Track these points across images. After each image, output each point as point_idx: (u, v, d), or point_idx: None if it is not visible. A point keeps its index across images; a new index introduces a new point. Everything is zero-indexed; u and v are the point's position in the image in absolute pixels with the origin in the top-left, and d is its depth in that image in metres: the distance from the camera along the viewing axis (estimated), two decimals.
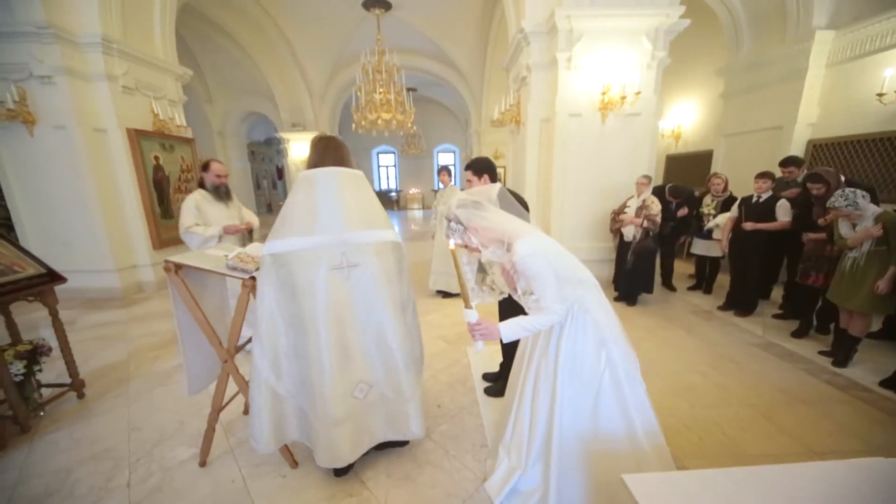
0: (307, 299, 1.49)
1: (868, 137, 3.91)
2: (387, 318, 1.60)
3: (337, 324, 1.53)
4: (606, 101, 3.97)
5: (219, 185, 2.76)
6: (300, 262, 1.47)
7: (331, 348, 1.53)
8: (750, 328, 3.38)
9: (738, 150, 5.25)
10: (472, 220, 1.38)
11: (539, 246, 1.30)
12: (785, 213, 3.32)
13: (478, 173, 2.17)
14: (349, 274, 1.54)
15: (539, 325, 1.31)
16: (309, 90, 9.98)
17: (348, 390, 1.61)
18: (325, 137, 1.65)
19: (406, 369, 1.69)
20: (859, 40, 3.96)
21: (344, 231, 1.51)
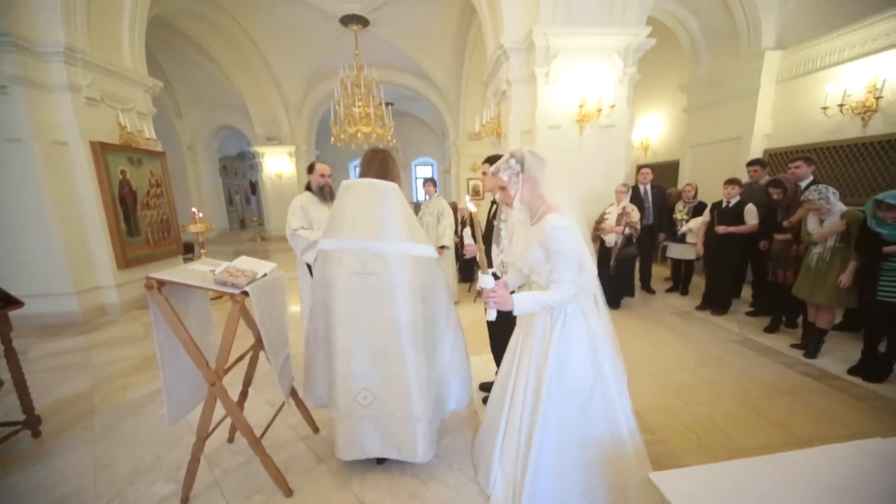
0: (331, 294, 1.67)
1: (815, 147, 4.29)
2: (394, 334, 1.60)
3: (349, 325, 1.64)
4: (583, 114, 4.15)
5: (323, 185, 2.68)
6: (330, 260, 1.66)
7: (345, 346, 1.66)
8: (727, 326, 3.55)
9: (704, 159, 5.60)
10: (532, 168, 1.37)
11: (572, 226, 1.32)
12: (752, 216, 3.55)
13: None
14: (365, 281, 1.61)
15: (551, 300, 1.31)
16: (285, 104, 9.83)
17: (352, 392, 1.70)
18: (374, 150, 1.74)
19: (421, 391, 1.65)
20: (803, 59, 4.37)
21: (366, 239, 1.59)
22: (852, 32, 3.87)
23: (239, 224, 15.35)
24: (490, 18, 4.65)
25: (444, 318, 1.75)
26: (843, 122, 4.05)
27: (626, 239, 3.87)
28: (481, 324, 3.74)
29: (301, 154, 10.88)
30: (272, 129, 10.21)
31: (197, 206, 9.95)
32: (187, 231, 5.13)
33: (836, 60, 4.07)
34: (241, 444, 2.13)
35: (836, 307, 2.78)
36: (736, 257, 3.74)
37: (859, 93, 3.85)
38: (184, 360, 1.76)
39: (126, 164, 4.59)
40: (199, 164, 11.80)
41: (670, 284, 4.84)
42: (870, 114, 3.80)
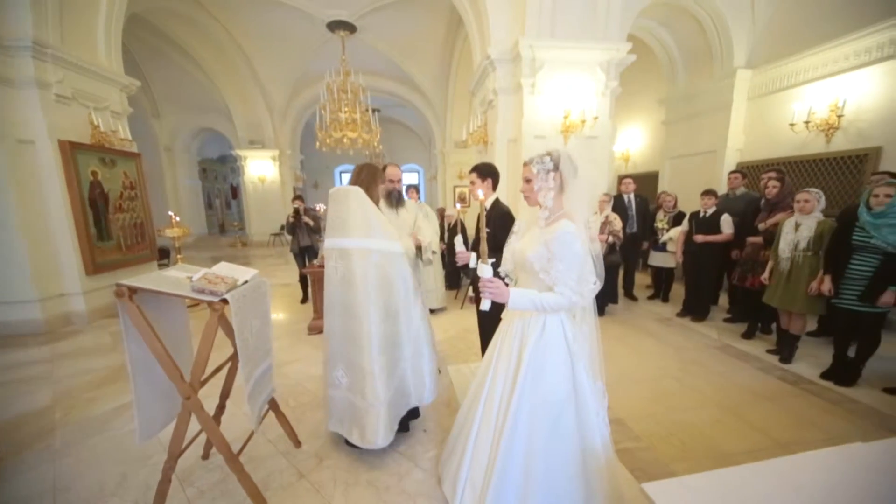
0: (326, 286, 1.93)
1: (784, 161, 4.51)
2: (357, 320, 1.83)
3: (330, 311, 1.91)
4: (568, 125, 4.23)
5: (391, 190, 2.61)
6: (326, 257, 1.93)
7: (328, 329, 1.92)
8: (706, 332, 3.66)
9: (682, 170, 5.81)
10: (564, 172, 1.38)
11: (582, 235, 1.31)
12: (728, 226, 3.69)
13: (482, 176, 2.22)
14: (338, 273, 1.86)
15: (547, 303, 1.30)
16: (269, 107, 9.68)
17: (333, 370, 1.94)
18: (365, 164, 2.03)
19: (380, 375, 1.83)
20: (772, 78, 4.62)
21: (338, 237, 1.85)
22: (816, 55, 4.12)
23: (218, 229, 14.91)
24: (477, 29, 4.72)
25: (404, 311, 1.91)
26: (809, 137, 4.29)
27: (610, 247, 3.94)
28: (470, 332, 3.72)
29: (285, 158, 10.71)
30: (255, 133, 10.02)
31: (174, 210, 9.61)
32: (163, 235, 4.92)
33: (801, 80, 4.32)
34: (216, 461, 2.01)
35: (807, 314, 2.89)
36: (713, 265, 3.87)
37: (823, 111, 4.09)
38: (157, 372, 1.66)
39: (98, 164, 4.37)
40: (178, 166, 11.43)
41: (652, 291, 4.95)
42: (833, 131, 4.04)
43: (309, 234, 4.80)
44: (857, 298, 2.48)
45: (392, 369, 1.91)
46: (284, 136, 10.46)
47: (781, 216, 3.13)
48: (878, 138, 3.70)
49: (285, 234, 8.63)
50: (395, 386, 1.93)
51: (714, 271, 3.95)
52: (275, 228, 10.81)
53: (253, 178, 10.52)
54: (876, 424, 2.18)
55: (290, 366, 3.05)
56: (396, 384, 1.94)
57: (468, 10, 4.74)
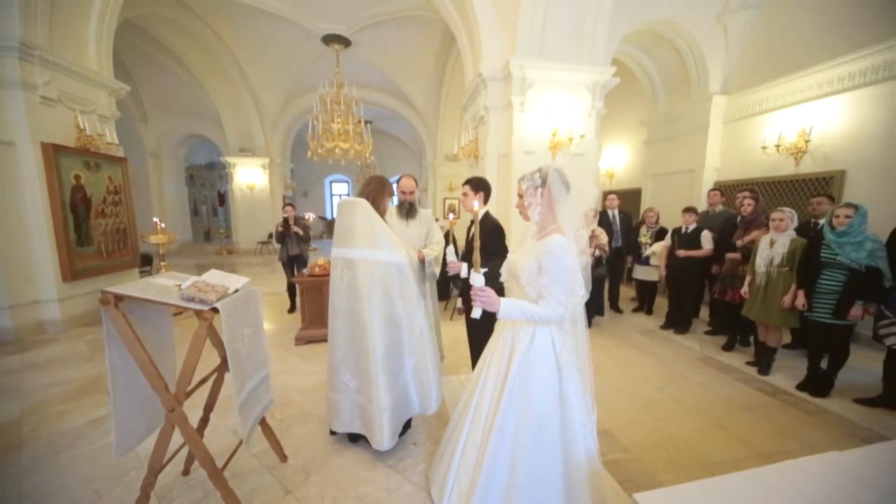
0: (332, 294, 2.00)
1: (758, 181, 4.74)
2: (362, 328, 1.89)
3: (335, 319, 1.98)
4: (556, 142, 4.36)
5: (402, 200, 2.64)
6: (332, 265, 2.01)
7: (334, 336, 1.99)
8: (689, 344, 3.74)
9: (663, 188, 6.02)
10: (553, 188, 1.40)
11: (572, 249, 1.34)
12: (708, 241, 3.83)
13: (475, 189, 2.26)
14: (343, 281, 1.92)
15: (537, 314, 1.32)
16: (261, 115, 9.63)
17: (340, 376, 1.99)
18: (374, 177, 2.10)
19: (384, 383, 1.89)
20: (746, 104, 4.89)
21: (344, 246, 1.93)
22: (786, 83, 4.39)
23: (204, 236, 14.56)
24: (469, 47, 4.86)
25: (407, 321, 1.95)
26: (780, 160, 4.53)
27: (597, 260, 4.03)
28: (460, 343, 3.71)
29: (275, 167, 10.63)
30: (246, 141, 9.93)
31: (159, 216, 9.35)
32: (147, 241, 4.78)
33: (772, 106, 4.58)
34: (198, 477, 1.93)
35: (782, 326, 3.01)
36: (694, 279, 3.99)
37: (792, 136, 4.34)
38: (139, 382, 1.60)
39: (81, 168, 4.25)
40: (164, 172, 11.19)
41: (636, 304, 5.05)
42: (801, 154, 4.28)
43: (298, 243, 4.74)
44: (828, 312, 2.59)
45: (395, 377, 1.94)
46: (275, 145, 10.40)
47: (757, 233, 3.27)
48: (843, 162, 3.94)
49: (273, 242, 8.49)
50: (399, 392, 1.96)
51: (695, 285, 4.07)
52: (262, 236, 10.64)
53: (242, 186, 10.38)
54: (849, 433, 2.26)
55: (276, 377, 2.98)
56: (399, 391, 1.96)
57: (461, 29, 4.88)
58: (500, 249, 2.08)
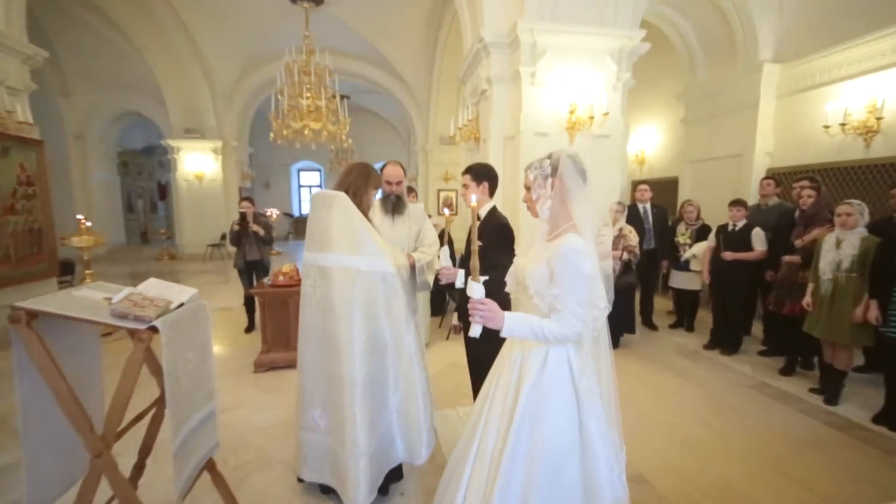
0: (302, 308, 2.00)
1: (819, 167, 4.80)
2: (337, 353, 1.86)
3: (306, 340, 1.96)
4: (574, 121, 4.39)
5: (388, 193, 2.58)
6: (304, 274, 2.01)
7: (303, 361, 1.98)
8: (739, 367, 3.78)
9: (704, 176, 6.09)
10: (566, 177, 1.40)
11: (590, 253, 1.34)
12: (760, 241, 3.87)
13: (477, 179, 2.24)
14: (316, 295, 1.90)
15: (548, 332, 1.31)
16: (212, 89, 9.63)
17: (310, 410, 1.96)
18: (351, 164, 2.11)
19: (363, 421, 1.84)
20: (803, 74, 4.97)
21: (317, 251, 1.90)
22: (850, 49, 4.46)
23: (140, 237, 14.47)
24: (468, 7, 4.90)
25: (394, 345, 1.93)
26: (846, 142, 4.59)
27: (625, 266, 4.05)
28: (458, 369, 3.69)
29: (229, 151, 10.62)
30: (193, 120, 9.93)
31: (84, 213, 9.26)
32: (68, 245, 4.74)
33: (835, 77, 4.66)
34: None
35: (853, 345, 3.03)
36: (744, 288, 4.02)
37: (860, 112, 4.40)
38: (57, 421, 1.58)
39: None
40: (91, 158, 11.13)
41: (674, 319, 5.08)
42: (872, 134, 4.34)
43: (258, 245, 4.72)
44: None
45: (377, 415, 1.91)
46: (230, 125, 10.39)
47: (820, 231, 3.31)
48: None
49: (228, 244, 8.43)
50: (381, 435, 1.93)
51: (746, 295, 4.10)
52: (214, 238, 10.60)
53: (188, 175, 10.34)
54: None
55: (230, 413, 2.95)
56: (382, 433, 1.93)
57: None
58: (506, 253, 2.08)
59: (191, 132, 10.01)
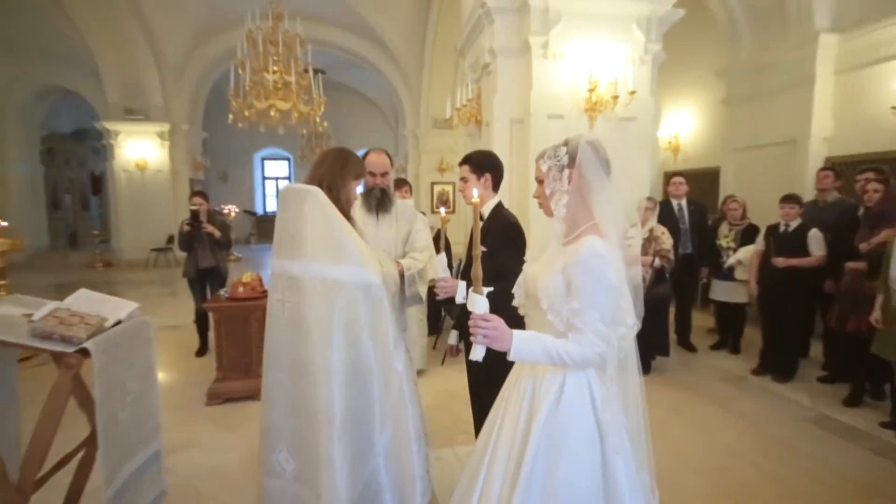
0: (267, 327, 1.97)
1: (886, 157, 4.86)
2: (309, 383, 1.85)
3: (273, 366, 1.92)
4: (594, 101, 4.43)
5: (371, 186, 2.55)
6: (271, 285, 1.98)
7: (268, 392, 1.95)
8: (795, 397, 3.79)
9: (751, 167, 6.16)
10: (587, 167, 1.40)
11: (615, 259, 1.34)
12: (819, 245, 3.91)
13: (478, 170, 2.25)
14: (285, 310, 1.88)
15: (566, 354, 1.30)
16: (158, 61, 9.65)
17: (274, 450, 1.93)
18: (326, 150, 2.12)
19: (346, 461, 1.82)
20: (866, 46, 5.05)
21: (286, 258, 1.88)
22: None
23: (68, 240, 14.40)
24: None
25: (381, 373, 1.92)
26: None
27: (657, 274, 4.07)
28: (457, 400, 3.69)
29: (179, 135, 10.63)
30: (135, 98, 9.95)
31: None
32: None
33: None
34: None
35: None
36: (800, 301, 4.05)
37: None
38: None
39: None
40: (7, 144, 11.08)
41: (716, 338, 5.10)
42: None
43: (213, 250, 4.71)
44: None
45: (360, 459, 1.89)
46: (180, 105, 10.40)
47: (889, 233, 3.34)
48: None
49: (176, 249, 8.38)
50: (365, 483, 1.90)
51: (802, 309, 4.13)
52: (159, 241, 10.60)
53: (128, 165, 10.35)
54: None
55: (178, 455, 2.93)
56: (366, 480, 1.91)
57: None
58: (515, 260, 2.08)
59: (132, 113, 10.04)
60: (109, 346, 1.64)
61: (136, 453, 1.77)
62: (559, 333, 1.36)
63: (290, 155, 16.64)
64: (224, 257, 4.88)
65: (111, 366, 1.63)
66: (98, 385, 1.57)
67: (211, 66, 10.36)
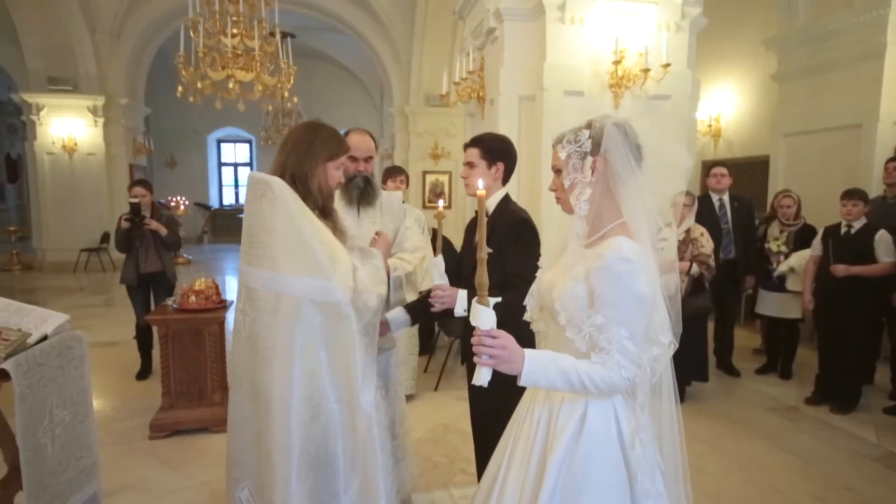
0: None
1: None
2: (265, 409, 1.89)
3: (236, 386, 1.99)
4: (621, 75, 4.48)
5: (352, 174, 2.51)
6: None
7: (231, 414, 2.01)
8: (857, 431, 3.82)
9: (806, 156, 6.21)
10: (614, 153, 1.40)
11: (648, 265, 1.35)
12: (887, 250, 3.94)
13: (490, 156, 2.25)
14: (245, 325, 1.93)
15: (588, 378, 1.30)
16: (89, 21, 9.60)
17: (237, 483, 1.96)
18: (293, 127, 2.17)
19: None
20: None
21: (244, 262, 1.92)
22: None
23: None
24: None
25: (343, 412, 1.92)
26: None
27: (694, 283, 4.09)
28: (452, 432, 3.70)
29: (116, 111, 10.58)
30: (61, 66, 9.90)
31: None
32: None
33: None
34: None
35: None
36: (863, 317, 4.07)
37: None
38: None
39: None
40: None
41: (764, 360, 5.12)
42: None
43: (158, 251, 4.70)
44: None
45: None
46: (116, 74, 10.34)
47: None
48: None
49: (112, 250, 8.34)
50: None
51: (867, 327, 4.16)
52: (91, 240, 10.56)
53: (52, 146, 10.30)
54: None
55: (115, 498, 2.91)
56: None
57: None
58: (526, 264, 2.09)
59: (57, 83, 9.96)
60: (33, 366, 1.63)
61: (69, 497, 1.77)
62: (580, 354, 1.37)
63: (251, 136, 16.61)
64: (171, 260, 4.87)
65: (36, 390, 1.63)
66: (20, 414, 1.56)
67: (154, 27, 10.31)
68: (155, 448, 3.53)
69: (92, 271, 10.45)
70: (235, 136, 17.03)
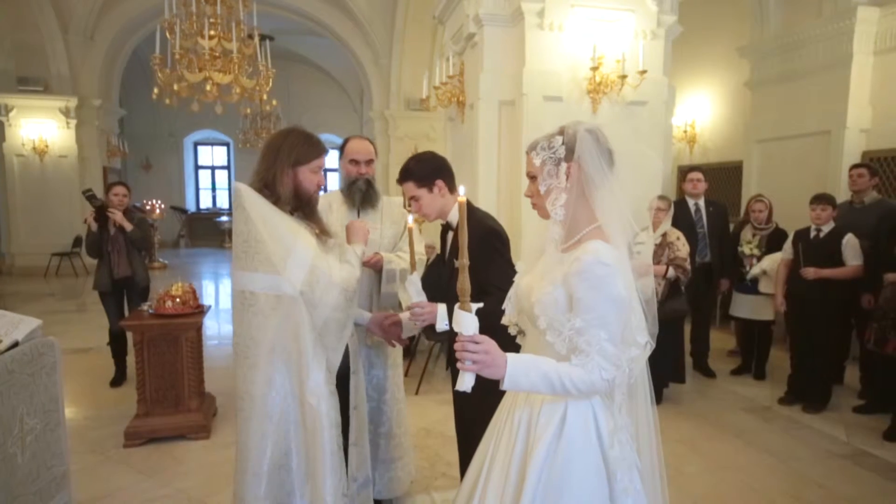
0: None
1: None
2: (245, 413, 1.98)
3: None
4: (599, 81, 4.53)
5: (354, 177, 2.61)
6: None
7: None
8: (828, 430, 3.91)
9: (778, 161, 6.36)
10: (587, 159, 1.42)
11: (624, 268, 1.37)
12: (854, 253, 4.04)
13: (425, 181, 2.23)
14: None
15: (570, 381, 1.32)
16: (62, 20, 9.45)
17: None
18: (273, 134, 2.20)
19: None
20: None
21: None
22: None
23: None
24: None
25: (295, 410, 1.99)
26: None
27: (671, 286, 4.15)
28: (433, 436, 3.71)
29: (88, 114, 10.45)
30: (32, 66, 9.78)
31: None
32: None
33: None
34: None
35: None
36: (833, 318, 4.17)
37: None
38: None
39: None
40: None
41: (738, 362, 5.21)
42: None
43: (129, 254, 4.62)
44: None
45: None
46: (89, 75, 10.20)
47: None
48: None
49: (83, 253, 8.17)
50: None
51: (836, 328, 4.25)
52: (63, 244, 10.40)
53: (22, 148, 10.18)
54: None
55: None
56: None
57: None
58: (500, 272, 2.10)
59: (28, 83, 9.84)
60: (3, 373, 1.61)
61: None
62: (560, 356, 1.39)
63: (229, 139, 16.43)
64: (144, 263, 4.81)
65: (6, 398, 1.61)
66: None
67: (130, 27, 10.18)
68: (130, 456, 3.48)
69: (64, 276, 10.26)
70: (213, 138, 16.86)
